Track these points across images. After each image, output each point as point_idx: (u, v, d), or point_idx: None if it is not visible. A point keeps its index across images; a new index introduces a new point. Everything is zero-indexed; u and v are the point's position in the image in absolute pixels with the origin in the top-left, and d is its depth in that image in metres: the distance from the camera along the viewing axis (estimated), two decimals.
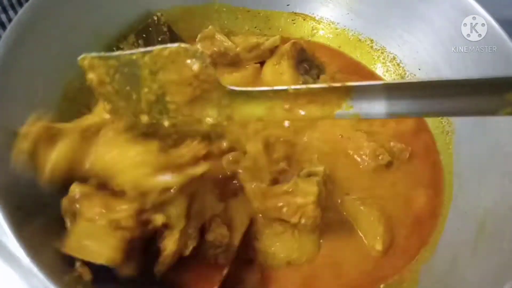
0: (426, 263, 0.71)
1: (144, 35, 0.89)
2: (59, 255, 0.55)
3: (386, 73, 0.96)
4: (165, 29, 0.91)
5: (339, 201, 0.75)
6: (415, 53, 0.92)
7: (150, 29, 0.90)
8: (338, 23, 1.01)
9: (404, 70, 0.94)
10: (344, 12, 1.00)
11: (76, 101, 0.79)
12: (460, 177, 0.79)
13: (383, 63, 0.97)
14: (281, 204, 0.65)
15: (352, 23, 1.00)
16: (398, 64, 0.95)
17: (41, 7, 0.74)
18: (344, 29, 1.01)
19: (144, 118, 0.56)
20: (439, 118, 0.86)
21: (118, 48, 0.88)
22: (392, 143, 0.81)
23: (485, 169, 0.74)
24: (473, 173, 0.77)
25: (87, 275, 0.56)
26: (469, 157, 0.79)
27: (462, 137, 0.82)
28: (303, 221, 0.64)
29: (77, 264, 0.56)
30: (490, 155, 0.74)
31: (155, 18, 0.91)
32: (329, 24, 1.02)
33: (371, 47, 0.98)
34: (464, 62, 0.80)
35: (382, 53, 0.97)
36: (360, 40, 0.99)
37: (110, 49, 0.87)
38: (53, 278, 0.51)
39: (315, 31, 1.03)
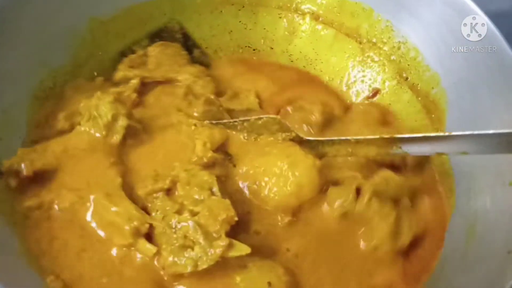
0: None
1: (157, 39, 0.92)
2: None
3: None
4: (179, 33, 0.94)
5: None
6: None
7: (164, 33, 0.93)
8: None
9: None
10: None
11: (48, 100, 0.77)
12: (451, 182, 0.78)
13: None
14: None
15: None
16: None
17: (7, 6, 0.71)
18: None
19: None
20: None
21: (132, 51, 0.89)
22: None
23: (476, 174, 0.73)
24: (463, 177, 0.76)
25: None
26: (459, 162, 0.77)
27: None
28: None
29: None
30: (481, 160, 0.72)
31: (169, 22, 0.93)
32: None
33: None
34: (464, 62, 0.79)
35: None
36: None
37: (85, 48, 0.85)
38: None
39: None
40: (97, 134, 0.70)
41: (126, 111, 0.72)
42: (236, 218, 0.60)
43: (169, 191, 0.65)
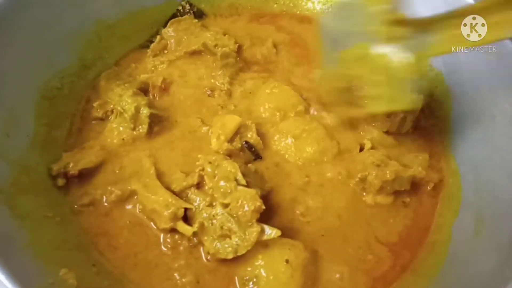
0: (424, 261, 0.69)
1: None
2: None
3: None
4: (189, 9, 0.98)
5: None
6: None
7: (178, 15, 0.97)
8: None
9: None
10: None
11: (56, 100, 0.79)
12: (456, 175, 0.77)
13: None
14: None
15: None
16: None
17: (14, 7, 0.73)
18: None
19: None
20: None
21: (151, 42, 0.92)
22: None
23: (482, 166, 0.73)
24: (470, 170, 0.75)
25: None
26: (466, 154, 0.78)
27: (459, 135, 0.81)
28: None
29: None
30: (487, 152, 0.73)
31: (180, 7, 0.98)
32: None
33: None
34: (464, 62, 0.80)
35: None
36: None
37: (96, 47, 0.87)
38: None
39: None
40: (127, 129, 0.77)
41: (146, 101, 0.78)
42: (263, 207, 0.64)
43: (198, 184, 0.70)
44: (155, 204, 0.67)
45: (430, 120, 0.85)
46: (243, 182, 0.67)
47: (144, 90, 0.83)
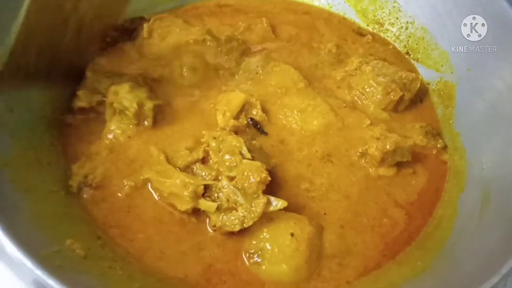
0: (430, 235, 0.69)
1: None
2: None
3: None
4: None
5: None
6: None
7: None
8: None
9: None
10: None
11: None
12: (461, 150, 0.77)
13: None
14: None
15: None
16: None
17: None
18: None
19: None
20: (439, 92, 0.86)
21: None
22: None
23: (487, 139, 0.73)
24: (475, 145, 0.75)
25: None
26: (470, 129, 0.78)
27: (463, 110, 0.81)
28: None
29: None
30: (492, 125, 0.73)
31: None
32: None
33: None
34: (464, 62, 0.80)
35: None
36: None
37: None
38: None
39: None
40: (130, 125, 0.74)
41: (146, 94, 0.75)
42: (269, 178, 0.65)
43: (204, 160, 0.69)
44: (173, 187, 0.66)
45: (433, 97, 0.85)
46: (248, 155, 0.67)
47: (136, 82, 0.78)
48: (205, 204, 0.65)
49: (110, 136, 0.74)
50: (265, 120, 0.77)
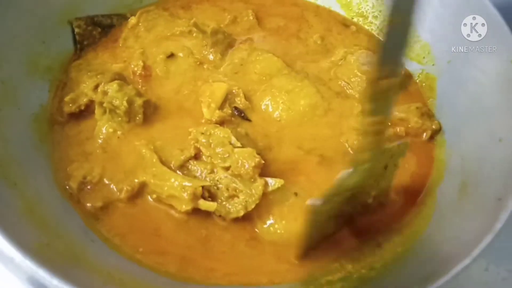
0: (410, 222, 0.71)
1: None
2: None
3: None
4: None
5: None
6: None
7: None
8: None
9: None
10: None
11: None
12: (442, 141, 0.80)
13: None
14: None
15: None
16: None
17: None
18: None
19: None
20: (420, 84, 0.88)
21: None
22: None
23: (468, 131, 0.75)
24: (455, 136, 0.77)
25: None
26: (451, 121, 0.80)
27: (444, 101, 0.83)
28: None
29: None
30: (472, 116, 0.75)
31: None
32: None
33: None
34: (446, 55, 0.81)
35: None
36: None
37: None
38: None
39: None
40: (121, 123, 0.74)
41: (135, 91, 0.75)
42: (263, 161, 0.68)
43: (196, 156, 0.71)
44: (171, 190, 0.66)
45: (414, 85, 0.87)
46: (238, 144, 0.70)
47: (121, 79, 0.78)
48: (205, 205, 0.67)
49: (102, 135, 0.74)
50: (249, 108, 0.79)
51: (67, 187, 0.69)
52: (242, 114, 0.78)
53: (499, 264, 0.73)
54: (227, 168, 0.68)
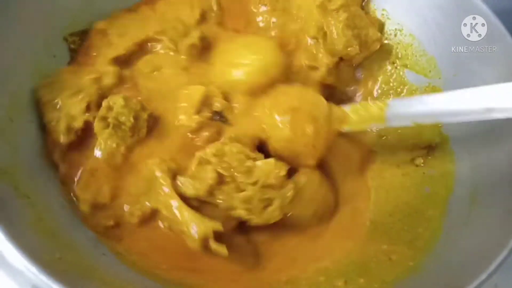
0: (421, 236, 0.71)
1: None
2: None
3: None
4: None
5: None
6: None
7: None
8: None
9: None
10: None
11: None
12: (450, 152, 0.80)
13: None
14: None
15: None
16: None
17: None
18: None
19: None
20: None
21: None
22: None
23: (475, 141, 0.75)
24: (463, 147, 0.78)
25: None
26: (458, 132, 0.80)
27: None
28: None
29: None
30: (479, 127, 0.74)
31: None
32: None
33: None
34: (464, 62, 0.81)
35: None
36: None
37: None
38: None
39: None
40: (125, 138, 0.70)
41: (140, 104, 0.71)
42: (287, 167, 0.68)
43: (220, 180, 0.66)
44: (183, 226, 0.63)
45: None
46: (253, 155, 0.67)
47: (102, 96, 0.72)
48: (216, 248, 0.62)
49: (104, 150, 0.69)
50: (229, 108, 0.73)
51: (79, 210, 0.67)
52: (222, 118, 0.73)
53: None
54: (254, 183, 0.66)
